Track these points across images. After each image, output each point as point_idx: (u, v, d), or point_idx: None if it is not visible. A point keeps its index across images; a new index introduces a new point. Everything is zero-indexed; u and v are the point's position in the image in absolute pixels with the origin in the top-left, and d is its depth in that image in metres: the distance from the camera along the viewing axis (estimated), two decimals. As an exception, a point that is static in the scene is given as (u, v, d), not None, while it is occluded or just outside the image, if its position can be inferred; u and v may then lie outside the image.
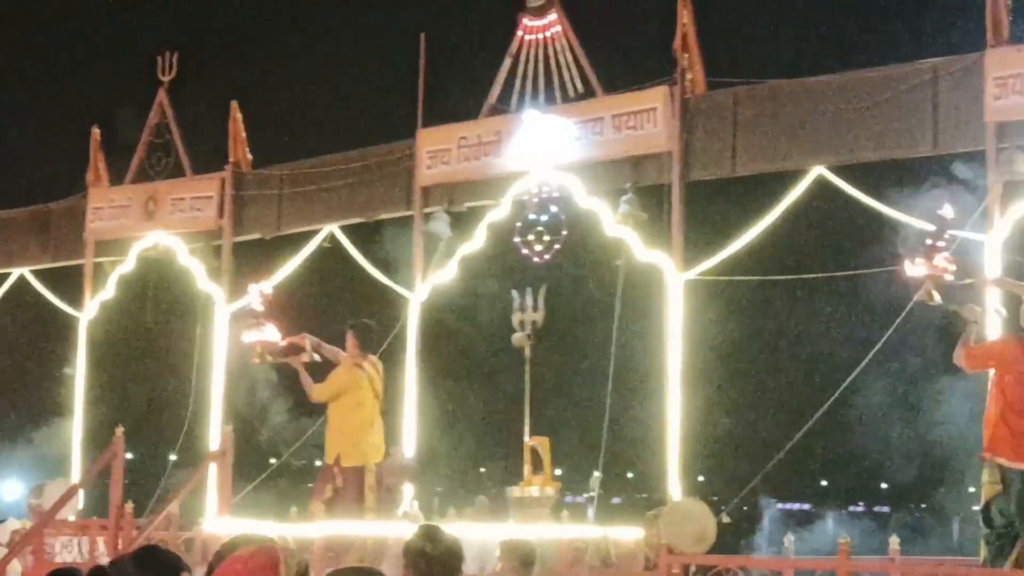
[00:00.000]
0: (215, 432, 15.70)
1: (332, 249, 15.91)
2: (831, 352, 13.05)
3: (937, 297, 9.99)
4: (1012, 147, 11.85)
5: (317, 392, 12.56)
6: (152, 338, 17.61)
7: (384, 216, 15.73)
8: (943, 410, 10.71)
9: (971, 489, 9.91)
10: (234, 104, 16.81)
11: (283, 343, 12.34)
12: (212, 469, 13.13)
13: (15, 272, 18.44)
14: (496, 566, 9.11)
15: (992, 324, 10.56)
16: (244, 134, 16.83)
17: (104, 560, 11.94)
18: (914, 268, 10.14)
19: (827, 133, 13.03)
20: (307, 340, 12.57)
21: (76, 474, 16.80)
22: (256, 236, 16.61)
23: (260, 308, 12.31)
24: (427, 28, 15.22)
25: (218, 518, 12.55)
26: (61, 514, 13.16)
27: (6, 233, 18.81)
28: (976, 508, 10.19)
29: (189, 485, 12.98)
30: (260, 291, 12.34)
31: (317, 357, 12.50)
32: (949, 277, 10.05)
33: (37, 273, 18.24)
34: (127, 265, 17.23)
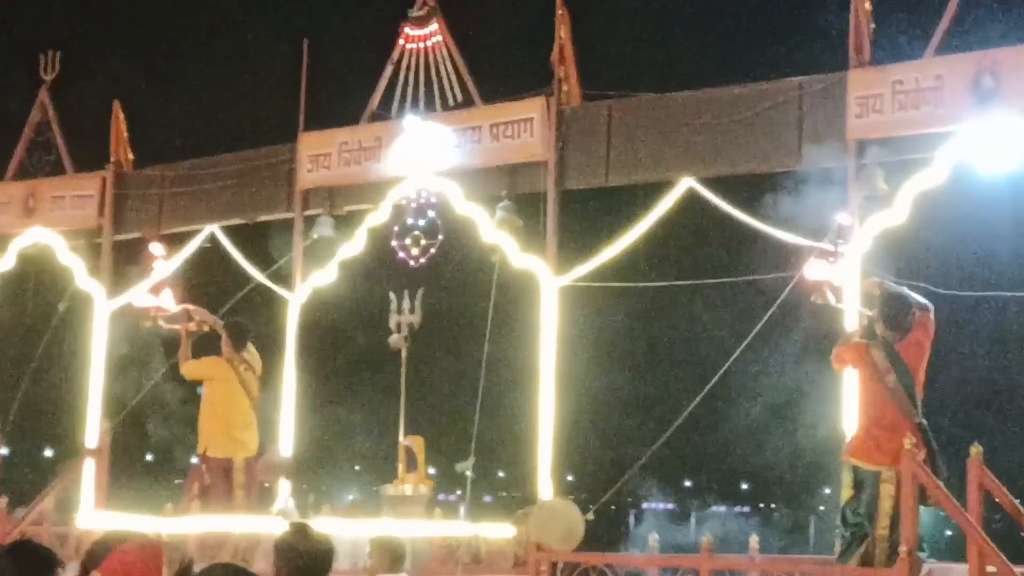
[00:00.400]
0: (93, 429, 15.32)
1: (213, 249, 15.65)
2: (701, 357, 13.05)
3: (832, 299, 10.12)
4: (872, 164, 11.92)
5: (187, 366, 12.82)
6: (31, 335, 17.28)
7: (265, 218, 15.50)
8: (812, 413, 10.70)
9: (827, 491, 9.91)
10: (116, 104, 16.50)
11: (176, 309, 12.33)
12: (89, 465, 12.93)
13: None
14: (367, 563, 8.99)
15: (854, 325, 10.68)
16: (126, 134, 16.51)
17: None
18: (815, 271, 10.41)
19: (697, 146, 13.01)
20: (198, 311, 12.58)
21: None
22: (136, 235, 16.27)
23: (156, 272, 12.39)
24: (310, 34, 15.08)
25: (94, 513, 12.36)
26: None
27: None
28: (822, 508, 10.37)
29: (63, 480, 12.82)
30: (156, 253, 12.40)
31: (206, 328, 12.51)
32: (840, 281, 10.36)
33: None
34: (6, 263, 16.88)
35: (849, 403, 10.54)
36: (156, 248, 14.28)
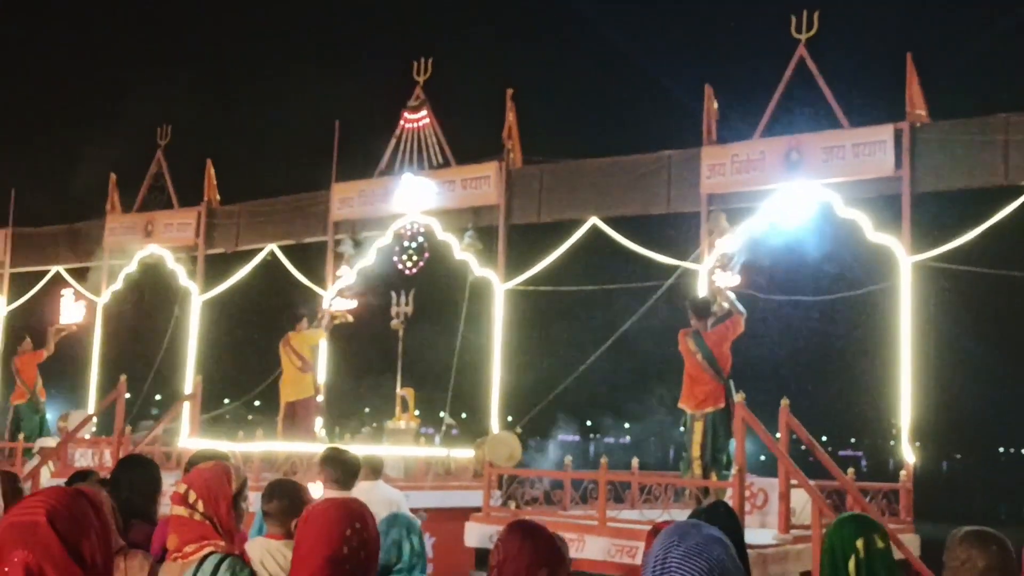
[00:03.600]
0: (189, 380, 15.29)
1: (273, 262, 15.66)
2: (608, 336, 13.12)
3: (725, 304, 10.09)
4: (716, 210, 11.96)
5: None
6: (147, 317, 17.17)
7: (307, 240, 15.41)
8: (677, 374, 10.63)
9: (682, 428, 9.88)
10: (209, 161, 16.44)
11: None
12: (186, 406, 12.85)
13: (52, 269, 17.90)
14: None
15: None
16: (215, 181, 16.39)
17: (109, 465, 11.52)
18: (721, 279, 10.43)
19: (600, 195, 13.04)
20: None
21: (91, 406, 16.26)
22: (220, 251, 16.22)
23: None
24: (340, 116, 15.10)
25: (189, 438, 12.26)
26: (80, 433, 12.71)
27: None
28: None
29: (169, 416, 12.70)
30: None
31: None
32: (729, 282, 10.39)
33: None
34: (131, 267, 16.76)
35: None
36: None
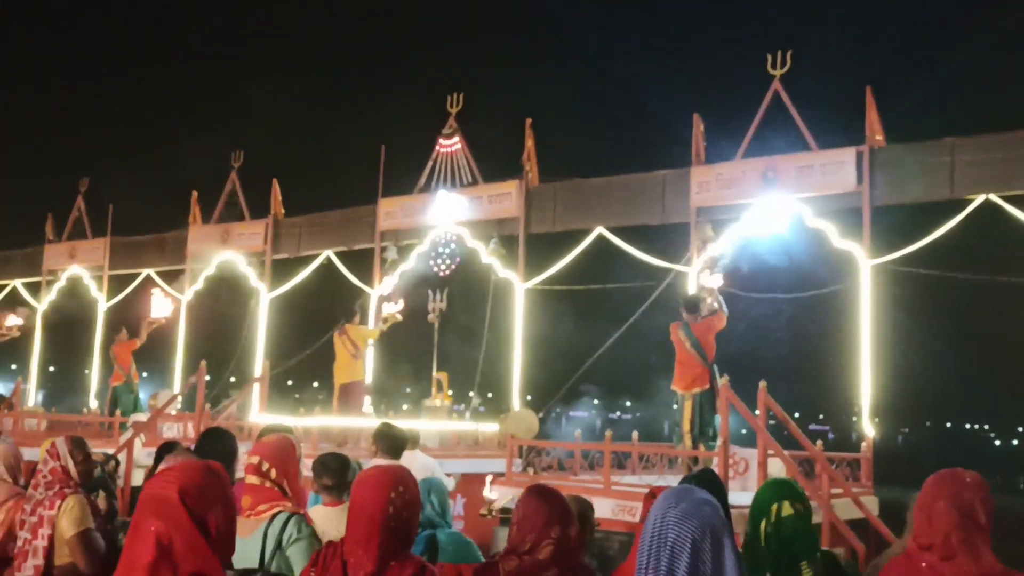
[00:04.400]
0: (259, 365, 15.35)
1: (328, 266, 15.69)
2: (599, 328, 13.06)
3: (715, 305, 9.98)
4: (704, 220, 11.94)
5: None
6: (223, 312, 17.25)
7: (358, 246, 15.43)
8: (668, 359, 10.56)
9: (675, 407, 9.84)
10: (274, 181, 16.51)
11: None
12: (255, 387, 12.89)
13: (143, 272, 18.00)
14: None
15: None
16: (280, 197, 16.45)
17: (192, 437, 11.59)
18: (708, 279, 10.30)
19: (605, 208, 13.03)
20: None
21: (177, 387, 16.36)
22: (285, 256, 16.27)
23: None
24: (386, 141, 15.10)
25: (259, 414, 12.31)
26: (168, 410, 12.77)
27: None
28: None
29: (241, 395, 12.75)
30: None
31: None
32: (714, 283, 10.22)
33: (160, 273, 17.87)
34: (210, 270, 16.87)
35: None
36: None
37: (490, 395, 14.80)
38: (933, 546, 2.59)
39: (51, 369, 21.47)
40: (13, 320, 15.97)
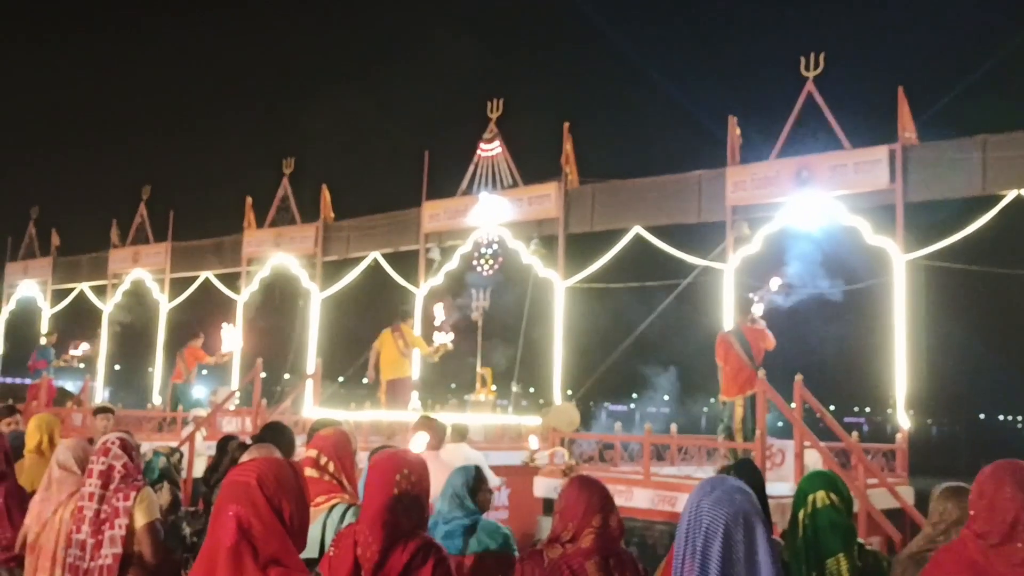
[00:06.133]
0: (311, 362, 15.49)
1: (376, 267, 15.82)
2: (634, 326, 13.01)
3: (765, 330, 9.72)
4: (739, 219, 11.86)
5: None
6: (277, 312, 17.46)
7: (403, 248, 15.54)
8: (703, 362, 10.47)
9: (712, 399, 9.77)
10: (324, 186, 16.64)
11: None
12: (309, 383, 13.00)
13: (202, 274, 18.26)
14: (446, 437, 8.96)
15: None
16: (330, 201, 16.57)
17: (248, 430, 11.76)
18: (756, 308, 9.86)
19: (642, 208, 12.97)
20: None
21: (235, 383, 16.56)
22: (335, 258, 16.40)
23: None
24: (429, 148, 15.10)
25: (312, 409, 12.41)
26: (226, 405, 12.95)
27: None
28: (705, 410, 10.11)
29: (296, 391, 12.87)
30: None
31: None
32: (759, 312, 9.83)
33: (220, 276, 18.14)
34: (264, 272, 17.06)
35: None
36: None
37: (532, 390, 14.80)
38: (990, 533, 2.54)
39: (116, 368, 21.81)
40: (81, 349, 16.26)
